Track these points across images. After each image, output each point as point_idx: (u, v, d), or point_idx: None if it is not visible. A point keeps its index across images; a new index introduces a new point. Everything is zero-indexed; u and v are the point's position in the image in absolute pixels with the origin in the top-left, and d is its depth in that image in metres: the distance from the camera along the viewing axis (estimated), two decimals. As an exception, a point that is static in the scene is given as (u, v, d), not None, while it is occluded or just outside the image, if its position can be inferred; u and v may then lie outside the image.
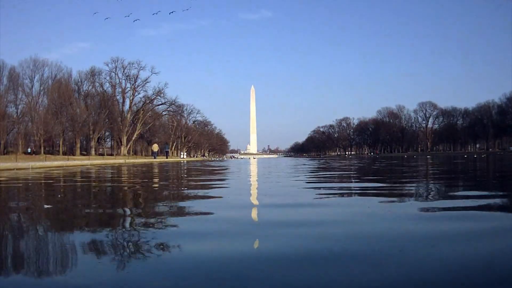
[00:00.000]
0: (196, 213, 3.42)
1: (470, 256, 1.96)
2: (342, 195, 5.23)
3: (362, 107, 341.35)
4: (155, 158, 44.08)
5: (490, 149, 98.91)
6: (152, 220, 3.10)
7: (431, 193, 5.25)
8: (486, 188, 6.04)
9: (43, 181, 8.47)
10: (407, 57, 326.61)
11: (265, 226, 2.80)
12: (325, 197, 4.84)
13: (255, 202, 4.49)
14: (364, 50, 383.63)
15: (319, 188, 6.37)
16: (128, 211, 3.73)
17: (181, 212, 3.59)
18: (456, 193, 5.18)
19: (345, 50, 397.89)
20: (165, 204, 4.24)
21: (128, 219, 3.25)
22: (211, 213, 3.33)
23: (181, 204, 4.28)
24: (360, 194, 5.16)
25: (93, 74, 61.00)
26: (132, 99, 62.85)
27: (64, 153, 49.50)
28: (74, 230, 2.79)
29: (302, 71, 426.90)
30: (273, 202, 4.32)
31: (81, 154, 52.68)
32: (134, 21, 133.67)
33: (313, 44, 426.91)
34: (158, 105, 67.18)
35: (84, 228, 2.86)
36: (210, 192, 5.57)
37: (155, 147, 46.82)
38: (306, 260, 1.89)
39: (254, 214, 3.46)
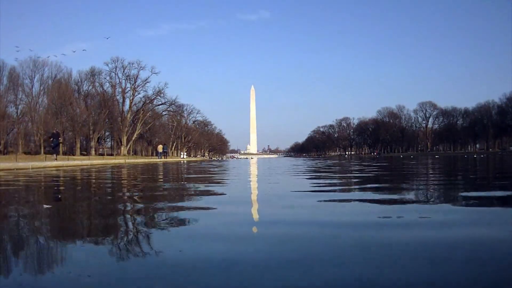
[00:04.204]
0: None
1: None
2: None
3: (362, 107, 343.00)
4: (160, 158, 45.13)
5: (490, 149, 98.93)
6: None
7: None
8: None
9: (43, 181, 8.50)
10: (407, 57, 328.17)
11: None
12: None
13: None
14: (364, 50, 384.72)
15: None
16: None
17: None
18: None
19: (345, 50, 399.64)
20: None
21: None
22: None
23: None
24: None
25: (93, 74, 61.07)
26: (132, 99, 62.95)
27: (64, 153, 49.47)
28: (75, 230, 2.79)
29: (302, 71, 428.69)
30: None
31: (81, 154, 52.71)
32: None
33: (312, 44, 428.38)
34: (158, 105, 67.34)
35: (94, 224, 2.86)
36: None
37: (160, 148, 47.67)
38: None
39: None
